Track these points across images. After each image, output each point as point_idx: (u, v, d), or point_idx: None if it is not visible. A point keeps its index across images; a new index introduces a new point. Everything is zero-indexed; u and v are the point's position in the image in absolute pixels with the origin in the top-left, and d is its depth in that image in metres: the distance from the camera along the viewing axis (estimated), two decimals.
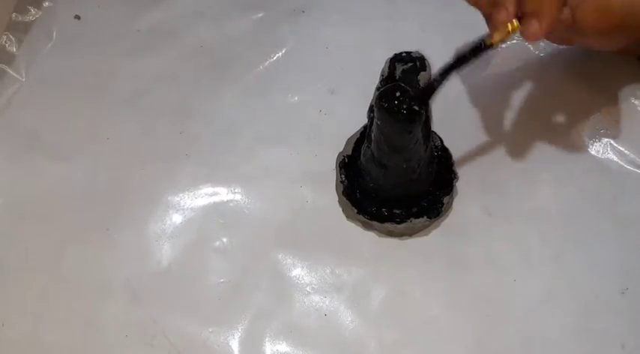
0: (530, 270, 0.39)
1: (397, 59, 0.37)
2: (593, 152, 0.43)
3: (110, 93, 0.49)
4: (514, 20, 0.34)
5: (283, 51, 0.50)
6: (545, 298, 0.38)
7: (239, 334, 0.39)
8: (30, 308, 0.40)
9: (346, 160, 0.42)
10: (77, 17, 0.53)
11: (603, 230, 0.41)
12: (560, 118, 0.45)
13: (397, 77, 0.36)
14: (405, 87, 0.33)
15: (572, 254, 0.40)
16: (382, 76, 0.37)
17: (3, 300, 0.41)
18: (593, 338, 0.33)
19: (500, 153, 0.44)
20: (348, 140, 0.43)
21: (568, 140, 0.44)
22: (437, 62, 0.47)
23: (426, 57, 0.36)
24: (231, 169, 0.45)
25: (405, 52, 0.37)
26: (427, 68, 0.36)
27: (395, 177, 0.38)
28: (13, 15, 0.52)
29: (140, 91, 0.49)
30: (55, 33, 0.52)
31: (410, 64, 0.36)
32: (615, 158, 0.43)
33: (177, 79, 0.49)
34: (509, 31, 0.34)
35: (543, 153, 0.44)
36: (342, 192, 0.41)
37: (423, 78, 0.36)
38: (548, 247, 0.36)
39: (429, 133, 0.37)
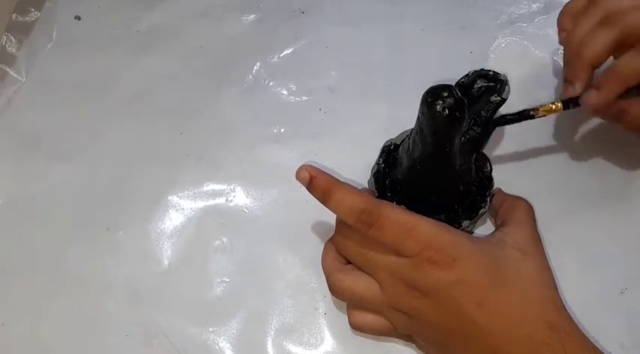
0: None
1: (481, 74, 0.36)
2: (593, 152, 0.43)
3: (110, 93, 0.49)
4: (558, 103, 0.37)
5: (283, 51, 0.50)
6: None
7: (239, 333, 0.39)
8: (30, 308, 0.40)
9: (391, 147, 0.41)
10: (77, 18, 0.53)
11: (603, 230, 0.41)
12: (561, 117, 0.45)
13: (473, 90, 0.36)
14: (456, 92, 0.32)
15: (572, 254, 0.39)
16: (459, 83, 0.36)
17: (3, 300, 0.41)
18: (591, 338, 0.33)
19: (499, 152, 0.44)
20: (404, 132, 0.42)
21: (568, 140, 0.44)
22: (437, 62, 0.48)
23: (509, 83, 0.36)
24: (231, 169, 0.45)
25: (493, 72, 0.36)
26: (506, 94, 0.36)
27: (419, 175, 0.37)
28: (14, 15, 0.52)
29: (140, 91, 0.49)
30: (55, 33, 0.52)
31: (491, 84, 0.36)
32: (616, 157, 0.43)
33: (178, 79, 0.49)
34: (552, 110, 0.37)
35: (543, 153, 0.44)
36: (374, 173, 0.40)
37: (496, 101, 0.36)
38: (547, 246, 0.36)
39: (473, 151, 0.36)
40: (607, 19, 0.37)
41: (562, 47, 0.40)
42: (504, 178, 0.41)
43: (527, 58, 0.48)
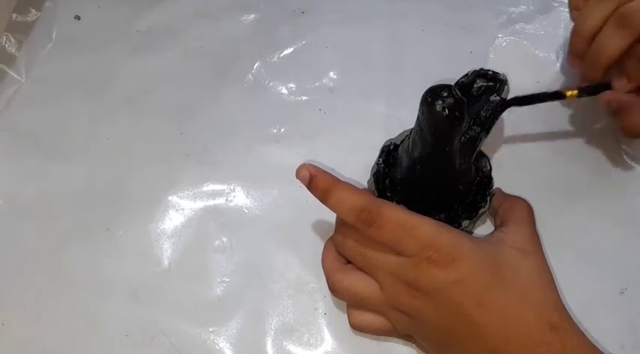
0: None
1: (480, 74, 0.36)
2: (593, 152, 0.43)
3: (110, 93, 0.49)
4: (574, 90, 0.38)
5: (283, 51, 0.50)
6: None
7: (239, 333, 0.39)
8: (30, 308, 0.40)
9: (391, 147, 0.41)
10: (77, 17, 0.53)
11: (603, 230, 0.41)
12: (561, 117, 0.45)
13: (473, 90, 0.36)
14: (456, 91, 0.32)
15: (572, 254, 0.40)
16: (458, 83, 0.37)
17: (3, 300, 0.41)
18: (592, 338, 0.33)
19: (499, 152, 0.44)
20: (404, 132, 0.41)
21: (568, 141, 0.44)
22: (437, 62, 0.48)
23: (508, 82, 0.36)
24: (231, 169, 0.45)
25: (493, 71, 0.36)
26: (505, 93, 0.36)
27: (419, 175, 0.37)
28: (14, 15, 0.52)
29: (140, 91, 0.49)
30: (55, 33, 0.52)
31: (490, 84, 0.36)
32: (616, 157, 0.43)
33: (178, 79, 0.49)
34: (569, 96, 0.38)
35: (543, 153, 0.44)
36: (374, 173, 0.40)
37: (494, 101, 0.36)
38: (547, 246, 0.36)
39: (472, 151, 0.36)
40: (622, 20, 0.36)
41: (562, 48, 0.40)
42: (504, 178, 0.41)
43: (527, 58, 0.48)
